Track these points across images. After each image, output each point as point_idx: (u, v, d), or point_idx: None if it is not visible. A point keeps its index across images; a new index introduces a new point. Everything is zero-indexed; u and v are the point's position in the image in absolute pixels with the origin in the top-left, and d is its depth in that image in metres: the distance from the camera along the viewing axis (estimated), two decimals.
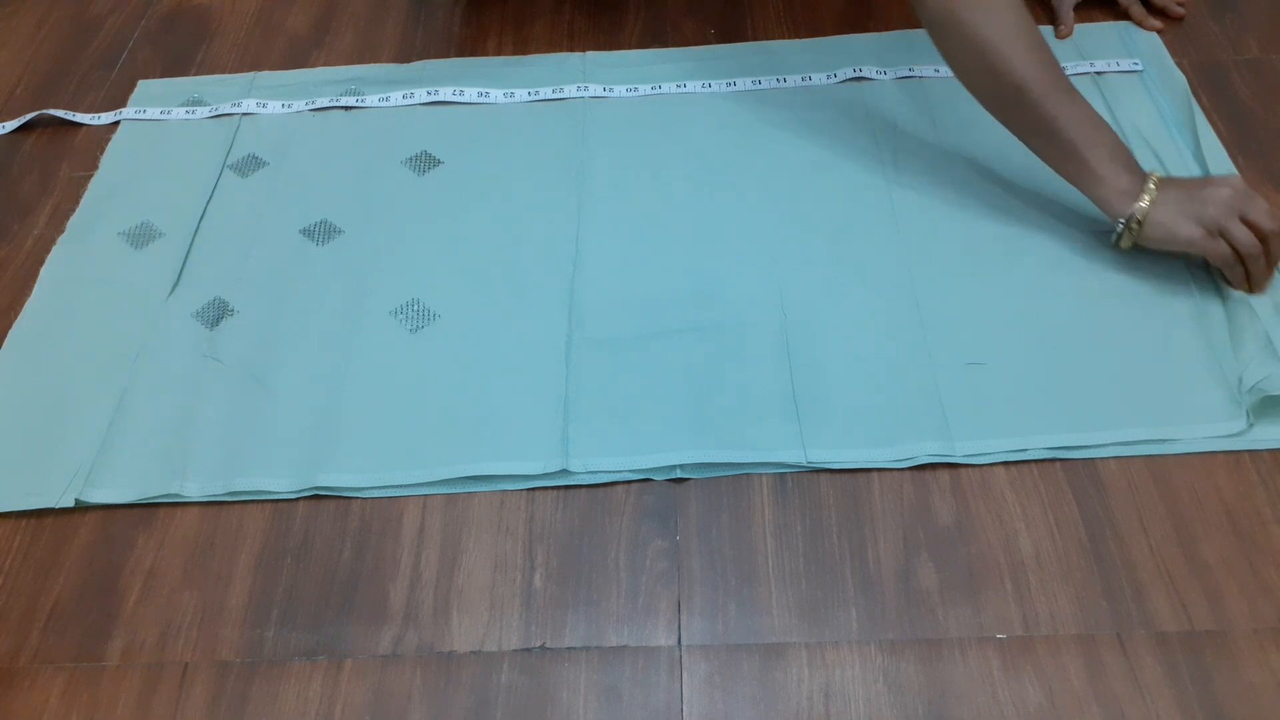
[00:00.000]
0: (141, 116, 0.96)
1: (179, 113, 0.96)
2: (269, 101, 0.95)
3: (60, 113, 0.96)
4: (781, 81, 0.92)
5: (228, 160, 0.91)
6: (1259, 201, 0.70)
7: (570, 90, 0.93)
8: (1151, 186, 0.70)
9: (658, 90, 0.92)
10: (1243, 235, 0.69)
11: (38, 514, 0.69)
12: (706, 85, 0.92)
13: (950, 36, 0.74)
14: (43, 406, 0.73)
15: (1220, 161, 0.81)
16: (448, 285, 0.79)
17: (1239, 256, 0.70)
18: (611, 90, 0.92)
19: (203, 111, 0.95)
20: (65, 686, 0.61)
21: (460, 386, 0.72)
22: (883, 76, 0.91)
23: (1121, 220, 0.71)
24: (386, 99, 0.94)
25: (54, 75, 1.02)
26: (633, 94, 0.92)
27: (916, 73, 0.92)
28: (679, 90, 0.92)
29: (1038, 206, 0.80)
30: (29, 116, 0.96)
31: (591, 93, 0.92)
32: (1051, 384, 0.69)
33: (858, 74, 0.92)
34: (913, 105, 0.89)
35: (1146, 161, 0.82)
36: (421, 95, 0.94)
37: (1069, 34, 0.95)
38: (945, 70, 0.91)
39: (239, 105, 0.95)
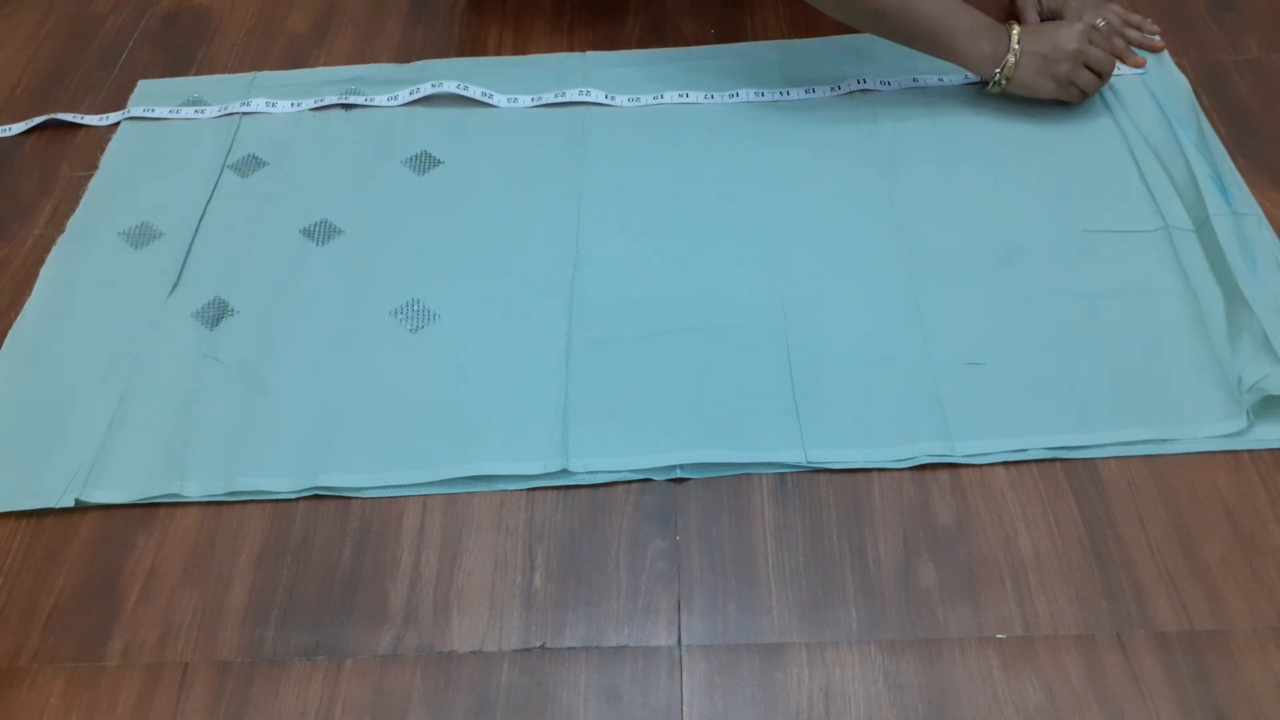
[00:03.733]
0: (145, 116, 0.96)
1: (179, 113, 0.96)
2: (269, 101, 0.95)
3: (68, 116, 0.96)
4: (784, 95, 0.92)
5: (228, 160, 0.91)
6: (1095, 34, 0.84)
7: (572, 94, 0.93)
8: (1015, 48, 0.83)
9: (659, 100, 0.92)
10: (1087, 80, 0.84)
11: (38, 514, 0.69)
12: (709, 96, 0.92)
13: None
14: (43, 406, 0.73)
15: (1223, 162, 0.81)
16: (448, 285, 0.79)
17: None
18: (614, 99, 0.92)
19: (203, 111, 0.95)
20: (65, 686, 0.61)
21: (460, 386, 0.72)
22: (886, 87, 0.91)
23: (991, 81, 0.85)
24: (387, 99, 0.94)
25: (54, 75, 1.02)
26: (634, 104, 0.92)
27: (921, 82, 0.91)
28: (681, 100, 0.92)
29: (1037, 207, 0.80)
30: (37, 120, 0.96)
31: (594, 98, 0.92)
32: (1051, 384, 0.69)
33: (862, 85, 0.92)
34: (914, 109, 0.89)
35: (1149, 163, 0.82)
36: (422, 94, 0.94)
37: None
38: (949, 78, 0.91)
39: (239, 105, 0.95)
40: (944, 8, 0.83)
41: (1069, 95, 0.85)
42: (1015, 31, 0.83)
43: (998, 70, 0.84)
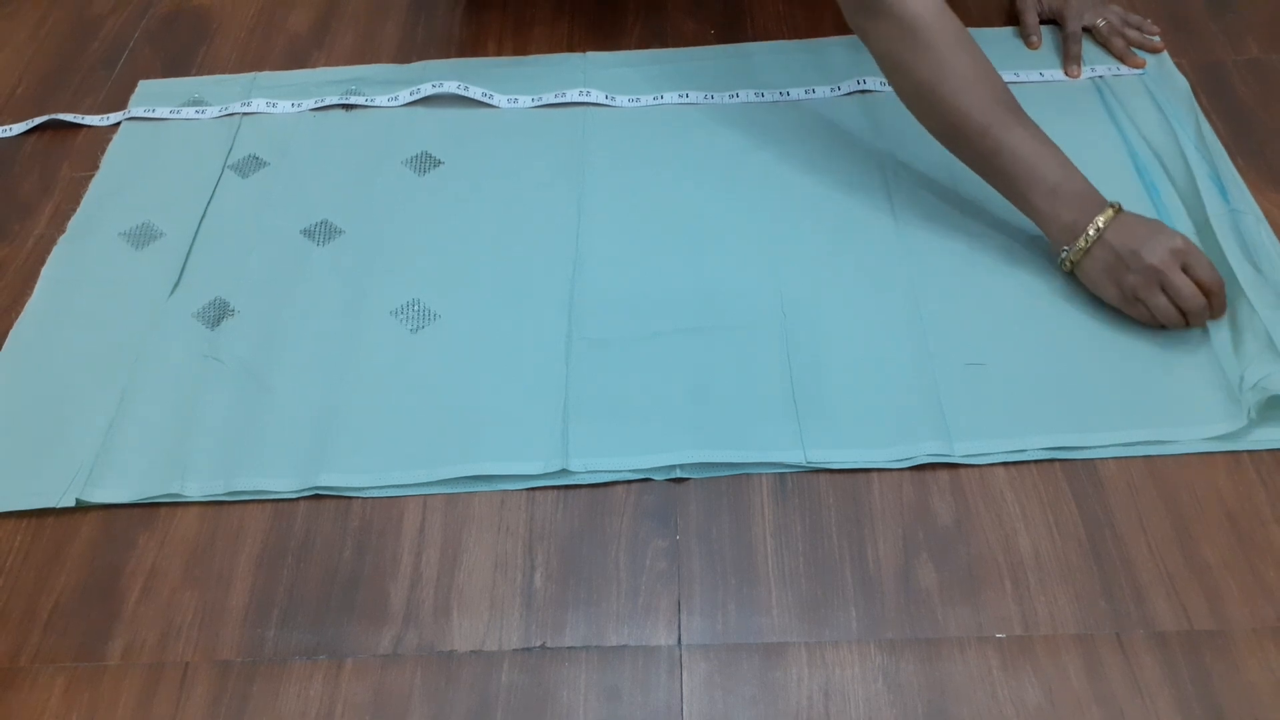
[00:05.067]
0: (146, 116, 0.96)
1: (180, 113, 0.96)
2: (270, 102, 0.96)
3: (68, 116, 0.96)
4: (784, 95, 0.92)
5: (228, 160, 0.91)
6: (1195, 260, 0.69)
7: (572, 95, 0.93)
8: (1092, 232, 0.70)
9: (659, 100, 0.92)
10: (1161, 305, 0.69)
11: (38, 514, 0.69)
12: (709, 97, 0.92)
13: (893, 74, 0.77)
14: (43, 406, 0.74)
15: (1221, 161, 0.81)
16: (448, 285, 0.79)
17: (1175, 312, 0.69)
18: (614, 99, 0.92)
19: (203, 112, 0.95)
20: (66, 686, 0.61)
21: (460, 386, 0.72)
22: (885, 88, 0.91)
23: (1057, 256, 0.73)
24: (387, 99, 0.94)
25: (54, 75, 1.02)
26: (634, 104, 0.92)
27: None
28: (681, 101, 0.92)
29: None
30: (38, 121, 0.96)
31: (594, 98, 0.92)
32: (1051, 384, 0.69)
33: (861, 85, 0.91)
34: None
35: (1149, 162, 0.82)
36: (422, 95, 0.94)
37: (1039, 45, 0.94)
38: None
39: (240, 105, 0.95)
40: (1035, 151, 0.72)
41: (1135, 312, 0.71)
42: (1106, 214, 0.70)
43: (1065, 248, 0.72)
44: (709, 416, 0.69)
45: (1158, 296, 0.69)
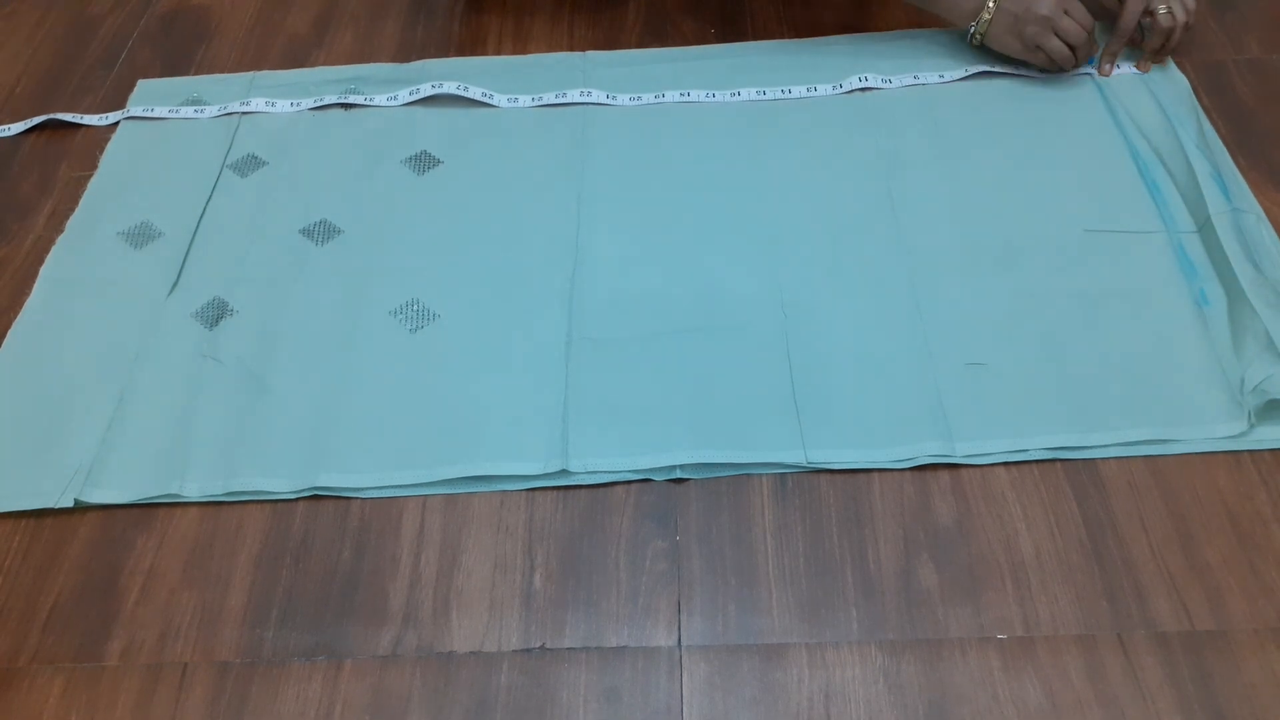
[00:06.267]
0: (144, 116, 0.96)
1: (178, 112, 0.96)
2: (269, 101, 0.95)
3: (67, 116, 0.96)
4: (786, 93, 0.91)
5: (227, 160, 0.91)
6: (1073, 5, 0.86)
7: (573, 95, 0.93)
8: (991, 5, 0.87)
9: (660, 99, 0.92)
10: (1055, 48, 0.87)
11: (37, 514, 0.68)
12: (710, 95, 0.92)
13: None
14: (42, 406, 0.73)
15: (1223, 160, 0.81)
16: (448, 285, 0.79)
17: (1068, 54, 0.87)
18: (615, 99, 0.92)
19: (202, 111, 0.95)
20: (65, 687, 0.61)
21: (460, 386, 0.72)
22: (888, 85, 0.91)
23: (968, 34, 0.90)
24: (387, 99, 0.94)
25: (53, 75, 1.02)
26: (636, 103, 0.92)
27: (921, 80, 0.91)
28: (682, 100, 0.92)
29: (1038, 207, 0.80)
30: (36, 120, 0.96)
31: (595, 98, 0.92)
32: (1051, 384, 0.69)
33: (863, 83, 0.91)
34: (916, 109, 0.89)
35: (1150, 161, 0.82)
36: (422, 95, 0.94)
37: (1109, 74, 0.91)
38: (949, 75, 0.91)
39: (239, 105, 0.95)
40: None
41: (1036, 60, 0.88)
42: None
43: (973, 24, 0.89)
44: (709, 416, 0.69)
45: (1052, 40, 0.86)
